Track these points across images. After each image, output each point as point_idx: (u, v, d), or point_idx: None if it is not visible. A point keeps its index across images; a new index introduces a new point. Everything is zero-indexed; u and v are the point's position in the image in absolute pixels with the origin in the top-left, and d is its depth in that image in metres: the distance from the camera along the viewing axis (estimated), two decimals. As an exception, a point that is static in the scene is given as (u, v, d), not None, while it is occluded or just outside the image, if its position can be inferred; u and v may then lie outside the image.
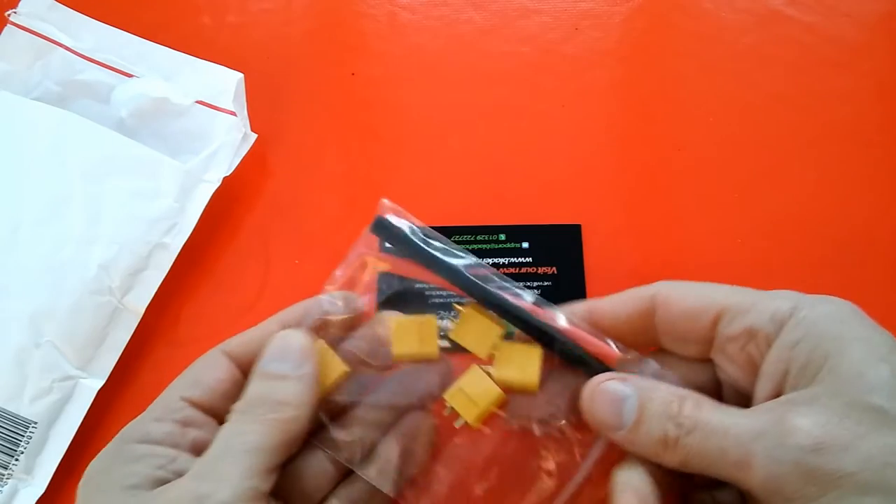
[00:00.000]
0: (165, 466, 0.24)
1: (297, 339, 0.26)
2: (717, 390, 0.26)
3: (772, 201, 0.39)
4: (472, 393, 0.26)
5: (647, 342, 0.27)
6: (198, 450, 0.24)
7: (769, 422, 0.22)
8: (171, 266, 0.36)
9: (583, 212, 0.38)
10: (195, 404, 0.26)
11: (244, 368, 0.27)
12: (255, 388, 0.26)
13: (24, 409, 0.33)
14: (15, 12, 0.41)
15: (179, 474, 0.24)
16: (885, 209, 0.38)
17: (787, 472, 0.21)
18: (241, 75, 0.39)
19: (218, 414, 0.26)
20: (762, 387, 0.24)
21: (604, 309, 0.27)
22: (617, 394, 0.25)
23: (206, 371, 0.27)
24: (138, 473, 0.24)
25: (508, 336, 0.27)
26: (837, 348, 0.22)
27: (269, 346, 0.26)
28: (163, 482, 0.24)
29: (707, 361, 0.26)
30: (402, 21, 0.45)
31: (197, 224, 0.37)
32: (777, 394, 0.23)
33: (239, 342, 0.28)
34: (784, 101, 0.41)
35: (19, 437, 0.33)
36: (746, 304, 0.25)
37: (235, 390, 0.26)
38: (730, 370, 0.25)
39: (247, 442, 0.24)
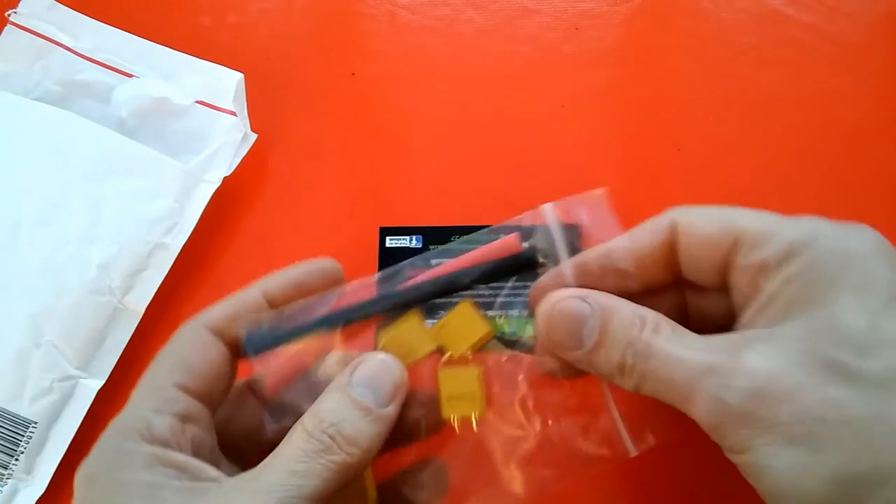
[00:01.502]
0: (180, 477, 0.22)
1: (397, 371, 0.24)
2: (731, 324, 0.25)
3: (772, 201, 0.38)
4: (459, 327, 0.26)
5: (673, 275, 0.26)
6: (197, 451, 0.24)
7: (720, 358, 0.21)
8: (171, 266, 0.36)
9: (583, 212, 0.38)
10: (189, 392, 0.24)
11: (229, 343, 0.25)
12: (332, 408, 0.23)
13: (24, 409, 0.33)
14: (15, 12, 0.41)
15: (194, 487, 0.22)
16: (884, 209, 0.38)
17: (724, 414, 0.20)
18: (241, 75, 0.39)
19: (210, 399, 0.25)
20: (745, 315, 0.23)
21: (623, 249, 0.25)
22: (577, 314, 0.23)
23: (197, 354, 0.25)
24: (154, 485, 0.22)
25: (501, 338, 0.27)
26: (828, 291, 0.21)
27: (364, 362, 0.24)
28: (180, 492, 0.22)
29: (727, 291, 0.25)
30: (402, 21, 0.45)
31: (197, 224, 0.37)
32: (751, 324, 0.23)
33: (221, 316, 0.26)
34: (784, 101, 0.41)
35: (19, 437, 0.33)
36: (765, 233, 0.23)
37: (227, 369, 0.25)
38: (739, 300, 0.24)
39: (305, 487, 0.21)
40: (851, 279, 0.21)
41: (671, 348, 0.22)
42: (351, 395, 0.23)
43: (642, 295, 0.25)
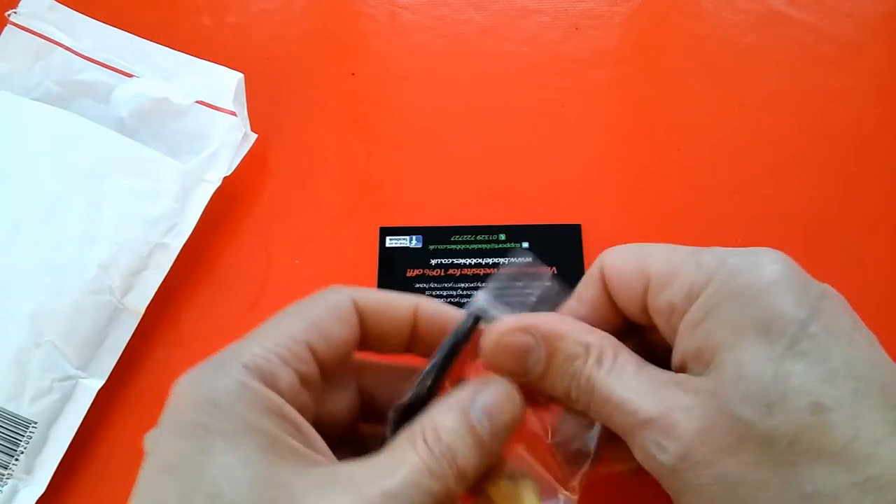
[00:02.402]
0: (294, 435, 0.21)
1: (518, 406, 0.23)
2: None
3: (772, 201, 0.39)
4: None
5: (625, 320, 0.26)
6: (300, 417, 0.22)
7: (654, 412, 0.21)
8: (171, 266, 0.36)
9: (583, 212, 0.38)
10: (317, 357, 0.23)
11: (367, 328, 0.25)
12: (450, 427, 0.22)
13: (24, 409, 0.33)
14: (15, 12, 0.41)
15: (303, 452, 0.21)
16: (885, 209, 0.38)
17: (657, 468, 0.21)
18: (241, 75, 0.39)
19: (327, 374, 0.24)
20: (674, 359, 0.23)
21: (570, 308, 0.26)
22: (520, 346, 0.23)
23: (338, 325, 0.24)
24: (269, 434, 0.20)
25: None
26: (731, 337, 0.21)
27: (490, 388, 0.23)
28: (295, 456, 0.20)
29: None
30: (402, 21, 0.45)
31: (197, 224, 0.37)
32: (682, 368, 0.23)
33: (376, 301, 0.25)
34: (784, 101, 0.41)
35: (19, 437, 0.33)
36: (668, 274, 0.23)
37: (352, 352, 0.25)
38: (669, 336, 0.24)
39: (413, 502, 0.20)
40: (753, 321, 0.21)
41: (613, 386, 0.22)
42: (470, 419, 0.22)
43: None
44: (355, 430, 0.27)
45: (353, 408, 0.27)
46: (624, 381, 0.22)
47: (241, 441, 0.20)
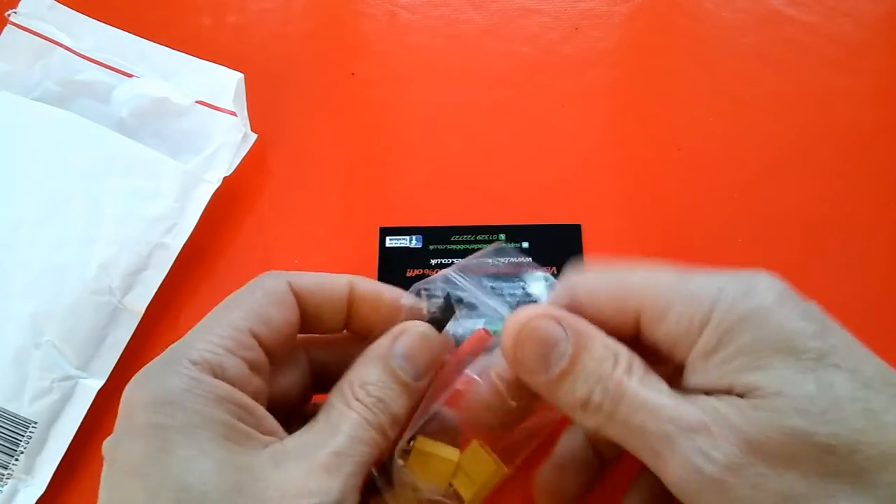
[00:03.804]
0: (245, 419, 0.22)
1: (436, 346, 0.24)
2: None
3: (772, 201, 0.39)
4: (470, 470, 0.26)
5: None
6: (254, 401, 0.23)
7: (697, 417, 0.20)
8: (171, 266, 0.36)
9: (583, 212, 0.38)
10: (261, 344, 0.24)
11: (304, 310, 0.25)
12: (376, 380, 0.23)
13: (24, 409, 0.33)
14: (15, 12, 0.41)
15: (255, 435, 0.22)
16: (884, 209, 0.38)
17: (694, 485, 0.20)
18: (241, 75, 0.39)
19: (274, 357, 0.24)
20: (695, 377, 0.22)
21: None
22: (548, 336, 0.22)
23: (277, 309, 0.24)
24: (224, 422, 0.21)
25: None
26: (753, 361, 0.20)
27: (406, 333, 0.24)
28: (248, 439, 0.21)
29: None
30: (402, 21, 0.45)
31: (197, 224, 0.37)
32: (708, 386, 0.21)
33: (311, 283, 0.25)
34: (784, 101, 0.41)
35: (19, 437, 0.33)
36: (660, 307, 0.22)
37: (295, 334, 0.25)
38: (673, 356, 0.23)
39: (368, 454, 0.22)
40: (772, 342, 0.20)
41: (646, 393, 0.21)
42: (392, 366, 0.23)
43: None
44: (309, 402, 0.28)
45: (306, 383, 0.27)
46: (660, 389, 0.21)
47: (198, 434, 0.21)
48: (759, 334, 0.20)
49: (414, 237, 0.38)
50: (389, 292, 0.27)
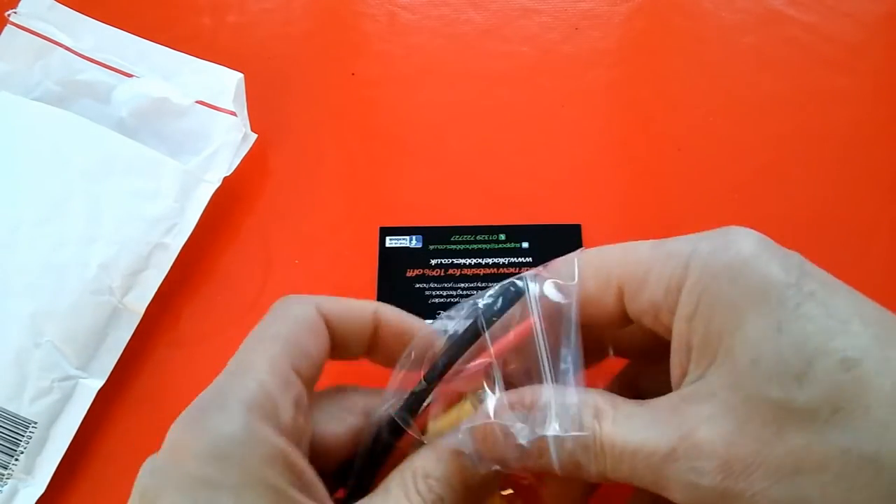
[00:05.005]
0: (295, 484, 0.20)
1: (501, 440, 0.22)
2: None
3: (772, 201, 0.39)
4: None
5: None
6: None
7: (675, 437, 0.20)
8: (171, 266, 0.36)
9: (583, 212, 0.38)
10: (301, 377, 0.22)
11: (331, 336, 0.24)
12: (442, 478, 0.22)
13: (24, 409, 0.33)
14: (15, 12, 0.41)
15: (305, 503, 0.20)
16: (884, 209, 0.38)
17: (702, 497, 0.19)
18: (241, 75, 0.39)
19: (310, 388, 0.23)
20: (673, 366, 0.22)
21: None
22: (510, 433, 0.22)
23: (312, 338, 0.23)
24: (275, 489, 0.19)
25: None
26: (732, 321, 0.20)
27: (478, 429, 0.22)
28: None
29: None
30: (402, 21, 0.45)
31: (197, 224, 0.37)
32: (684, 374, 0.21)
33: (339, 308, 0.24)
34: (784, 101, 0.41)
35: (19, 437, 0.33)
36: (640, 274, 0.22)
37: (325, 362, 0.24)
38: (661, 332, 0.23)
39: None
40: (748, 295, 0.20)
41: (622, 436, 0.21)
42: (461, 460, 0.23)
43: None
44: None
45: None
46: (632, 424, 0.21)
47: (247, 497, 0.19)
48: (736, 288, 0.20)
49: (414, 237, 0.38)
50: (413, 321, 0.26)
